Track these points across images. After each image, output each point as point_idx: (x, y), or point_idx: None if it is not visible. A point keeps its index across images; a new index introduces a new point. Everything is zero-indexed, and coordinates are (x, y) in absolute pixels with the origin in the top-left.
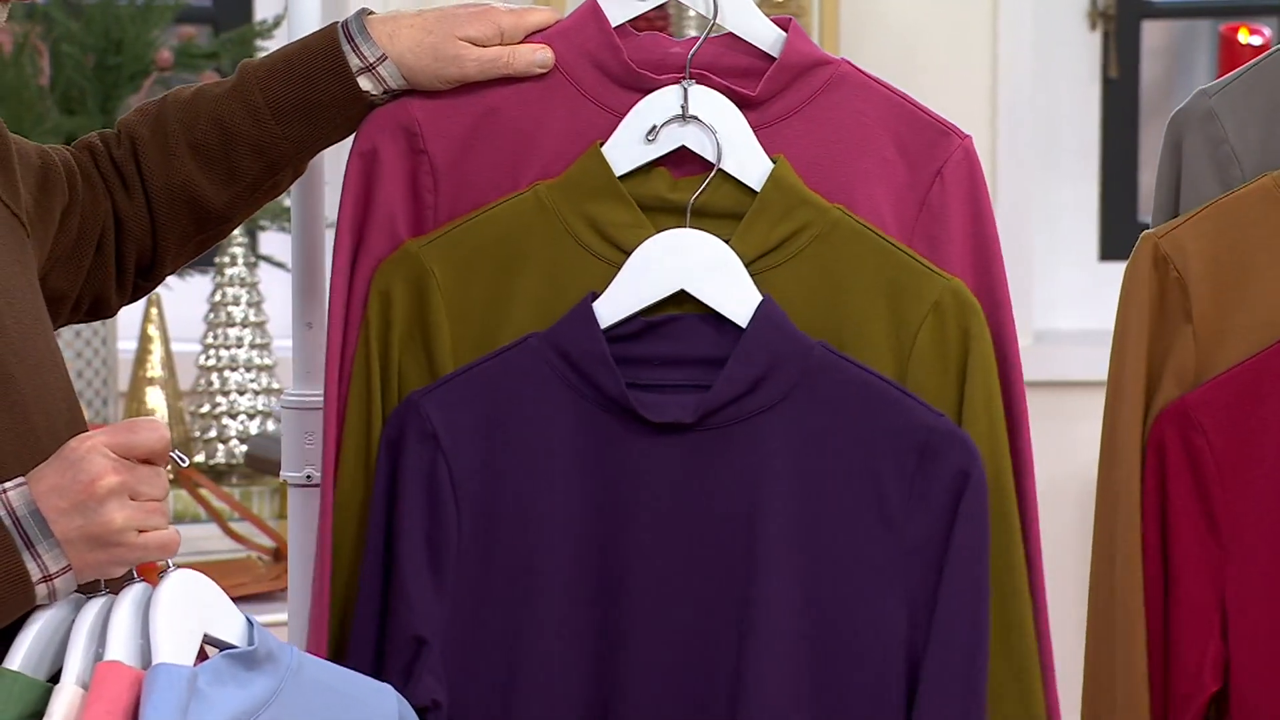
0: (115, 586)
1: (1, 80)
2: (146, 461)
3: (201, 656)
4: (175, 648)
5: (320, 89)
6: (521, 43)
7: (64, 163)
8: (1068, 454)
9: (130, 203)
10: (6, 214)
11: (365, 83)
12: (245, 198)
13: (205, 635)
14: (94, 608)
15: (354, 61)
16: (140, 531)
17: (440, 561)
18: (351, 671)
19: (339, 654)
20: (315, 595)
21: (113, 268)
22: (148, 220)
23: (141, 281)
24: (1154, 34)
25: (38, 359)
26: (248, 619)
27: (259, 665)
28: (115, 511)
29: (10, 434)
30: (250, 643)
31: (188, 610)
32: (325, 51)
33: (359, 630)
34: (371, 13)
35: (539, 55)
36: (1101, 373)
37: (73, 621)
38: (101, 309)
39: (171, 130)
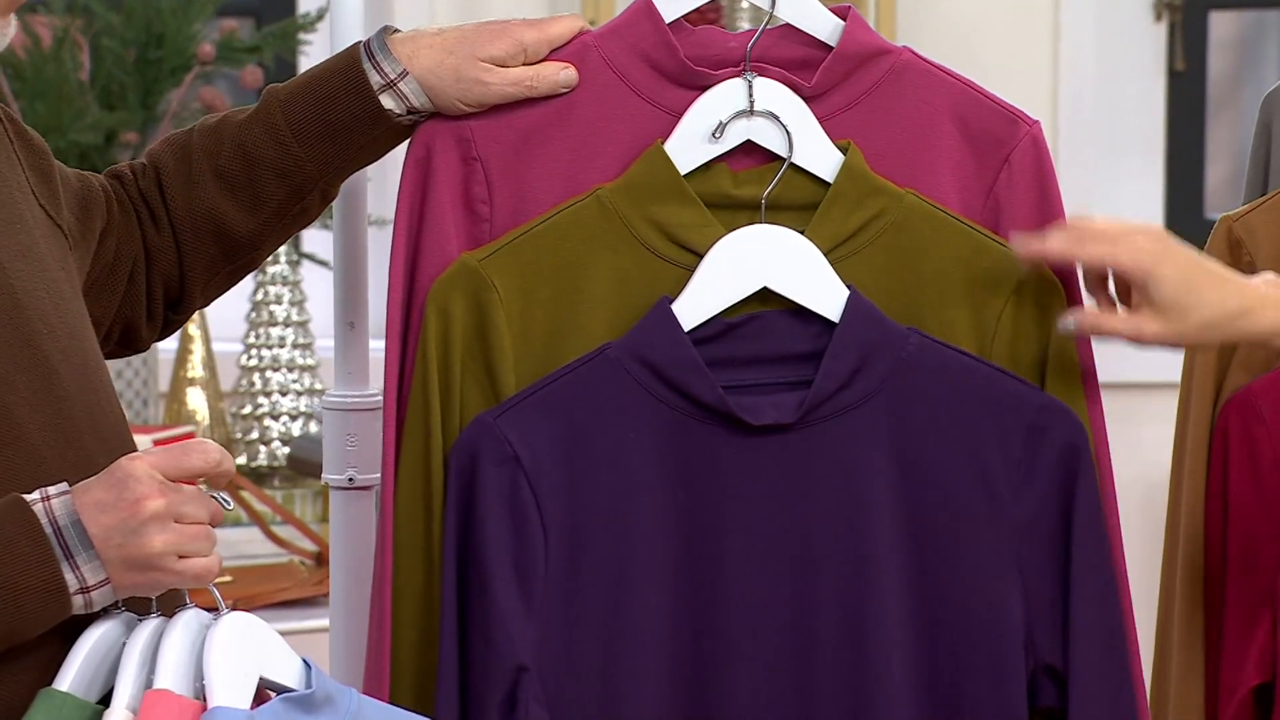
0: (167, 609)
1: (42, 75)
2: (194, 483)
3: (260, 700)
4: (231, 690)
5: (341, 108)
6: (546, 59)
7: (102, 186)
8: (1132, 457)
9: (157, 233)
10: (50, 223)
11: (387, 100)
12: (272, 224)
13: (262, 678)
14: (145, 631)
15: (375, 79)
16: (181, 557)
17: (529, 585)
18: (409, 714)
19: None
20: (376, 622)
21: (143, 299)
22: (174, 250)
23: (171, 314)
24: (1222, 25)
25: (84, 360)
26: (305, 661)
27: (318, 709)
28: (155, 535)
29: (54, 432)
30: (308, 685)
31: (243, 652)
32: (346, 70)
33: (445, 661)
34: (396, 31)
35: (563, 75)
36: (1164, 374)
37: (124, 644)
38: (132, 341)
39: (196, 158)
